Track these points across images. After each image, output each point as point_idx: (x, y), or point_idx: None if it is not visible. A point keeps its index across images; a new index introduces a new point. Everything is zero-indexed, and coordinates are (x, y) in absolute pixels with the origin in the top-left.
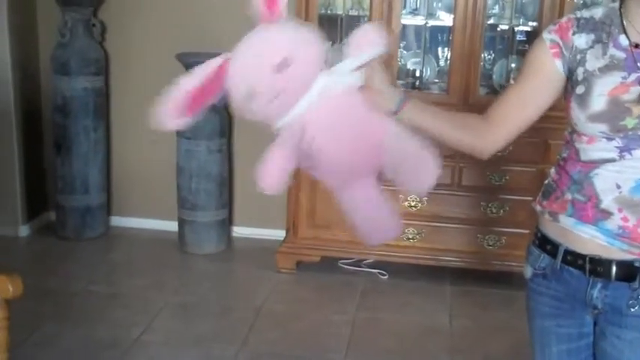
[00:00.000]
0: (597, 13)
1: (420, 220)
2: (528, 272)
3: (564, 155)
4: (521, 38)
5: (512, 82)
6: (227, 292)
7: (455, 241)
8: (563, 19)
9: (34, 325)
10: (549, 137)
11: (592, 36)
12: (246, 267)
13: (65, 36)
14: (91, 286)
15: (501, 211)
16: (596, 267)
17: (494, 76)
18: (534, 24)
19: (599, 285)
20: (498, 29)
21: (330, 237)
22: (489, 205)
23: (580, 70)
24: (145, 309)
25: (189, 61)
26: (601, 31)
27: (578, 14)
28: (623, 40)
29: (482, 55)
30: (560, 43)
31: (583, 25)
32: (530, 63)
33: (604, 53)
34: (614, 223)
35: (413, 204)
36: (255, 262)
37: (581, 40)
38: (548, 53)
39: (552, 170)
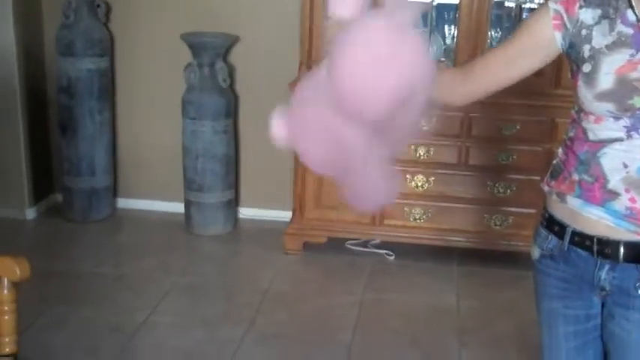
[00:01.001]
0: None
1: (426, 200)
2: (536, 253)
3: (571, 135)
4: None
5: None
6: (234, 273)
7: (462, 221)
8: None
9: (42, 307)
10: (556, 116)
11: (598, 11)
12: (252, 248)
13: (69, 17)
14: (98, 269)
15: (508, 190)
16: (604, 248)
17: None
18: (541, 1)
19: (606, 266)
20: (505, 7)
21: (337, 218)
22: (496, 184)
23: (586, 47)
24: (152, 291)
25: (194, 41)
26: (607, 6)
27: None
28: (630, 15)
29: (489, 33)
30: (565, 16)
31: (590, 0)
32: (527, 26)
33: (611, 29)
34: (621, 204)
35: (420, 184)
36: (261, 243)
37: (587, 15)
38: (549, 23)
39: (559, 150)
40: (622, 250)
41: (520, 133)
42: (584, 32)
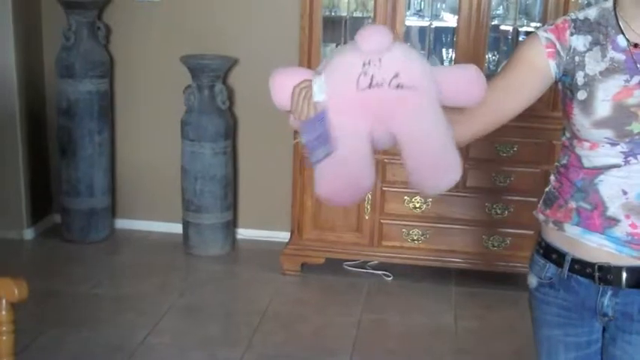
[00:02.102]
0: (591, 14)
1: (424, 221)
2: (533, 282)
3: (564, 162)
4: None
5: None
6: (232, 294)
7: (459, 243)
8: (559, 20)
9: (40, 328)
10: (553, 138)
11: (589, 38)
12: (250, 269)
13: (70, 39)
14: (97, 289)
15: (506, 212)
16: (606, 275)
17: None
18: (538, 25)
19: (609, 292)
20: (502, 30)
21: (335, 239)
22: (494, 206)
23: (580, 75)
24: (151, 311)
25: (193, 64)
26: (598, 33)
27: (573, 15)
28: (621, 40)
29: (487, 56)
30: (557, 44)
31: (579, 27)
32: (520, 58)
33: (603, 56)
34: (622, 230)
35: (417, 205)
36: (259, 264)
37: (579, 42)
38: (543, 52)
39: (552, 177)
40: (625, 275)
41: (517, 155)
42: (577, 59)
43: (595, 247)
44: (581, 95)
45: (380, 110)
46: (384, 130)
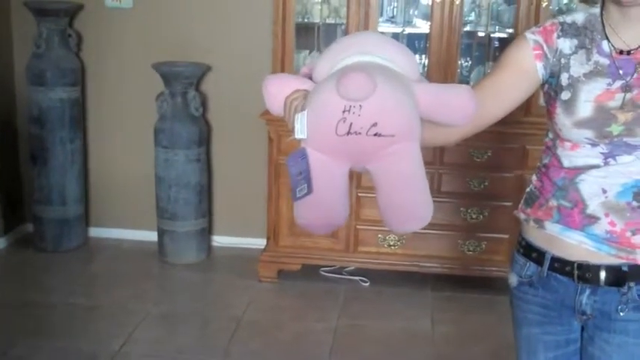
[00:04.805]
0: (579, 18)
1: None
2: (514, 281)
3: (545, 162)
4: (498, 45)
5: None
6: (208, 301)
7: (435, 247)
8: (547, 23)
9: (13, 339)
10: (527, 143)
11: (575, 41)
12: (226, 276)
13: (40, 46)
14: (71, 299)
15: (481, 216)
16: (585, 273)
17: (471, 83)
18: (510, 31)
19: (587, 291)
20: (475, 36)
21: (311, 245)
22: (469, 210)
23: (564, 76)
24: (126, 320)
25: (165, 71)
26: (584, 37)
27: (561, 19)
28: (605, 46)
29: (459, 62)
30: (544, 46)
31: (566, 30)
32: (508, 59)
33: (588, 59)
34: (601, 228)
35: None
36: (235, 271)
37: (565, 45)
38: (530, 54)
39: (533, 177)
40: (603, 274)
41: (492, 160)
42: (562, 61)
43: (574, 244)
44: (565, 95)
45: (357, 154)
46: (360, 167)
